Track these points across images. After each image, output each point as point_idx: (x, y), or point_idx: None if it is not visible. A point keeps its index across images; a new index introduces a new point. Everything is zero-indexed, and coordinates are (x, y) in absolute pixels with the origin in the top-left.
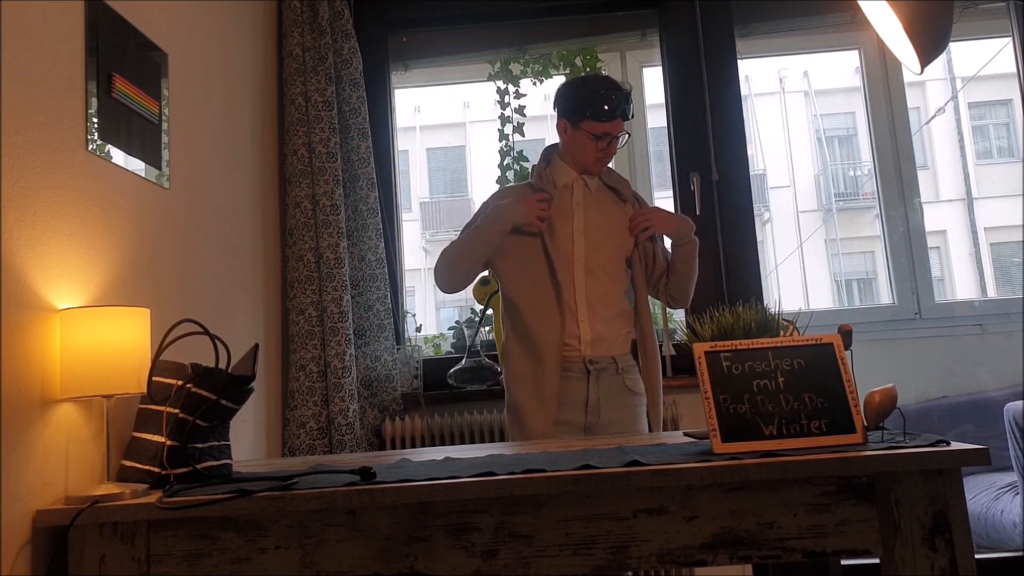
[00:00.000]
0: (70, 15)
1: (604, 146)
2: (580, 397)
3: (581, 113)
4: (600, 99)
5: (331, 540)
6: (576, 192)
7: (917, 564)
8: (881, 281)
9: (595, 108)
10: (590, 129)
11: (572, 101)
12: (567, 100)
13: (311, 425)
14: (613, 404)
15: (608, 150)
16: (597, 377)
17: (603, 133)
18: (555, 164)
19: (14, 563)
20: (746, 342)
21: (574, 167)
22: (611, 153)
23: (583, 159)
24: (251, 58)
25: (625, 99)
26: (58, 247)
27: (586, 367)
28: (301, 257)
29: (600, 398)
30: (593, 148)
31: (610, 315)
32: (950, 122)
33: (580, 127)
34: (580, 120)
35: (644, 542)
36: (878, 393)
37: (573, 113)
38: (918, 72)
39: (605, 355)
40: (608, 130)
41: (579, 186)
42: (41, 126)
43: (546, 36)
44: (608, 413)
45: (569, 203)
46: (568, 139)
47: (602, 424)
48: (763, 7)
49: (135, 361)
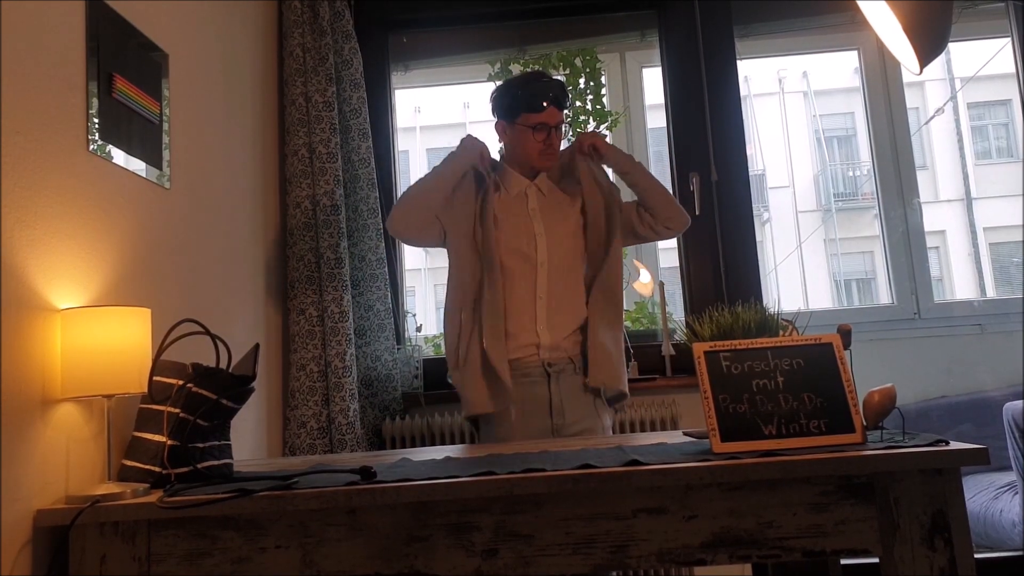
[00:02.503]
0: (70, 15)
1: (544, 137)
2: (543, 400)
3: (514, 109)
4: (530, 90)
5: (331, 540)
6: (531, 199)
7: (916, 564)
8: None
9: (527, 100)
10: (525, 122)
11: (504, 99)
12: (499, 101)
13: (311, 425)
14: (576, 403)
15: (549, 142)
16: (557, 379)
17: (539, 124)
18: (505, 173)
19: (15, 563)
20: (746, 342)
21: (523, 172)
22: (554, 145)
23: (527, 156)
24: (251, 58)
25: (557, 87)
26: (59, 247)
27: (545, 370)
28: (302, 257)
29: (563, 399)
30: (533, 141)
31: (568, 318)
32: (949, 122)
33: (516, 123)
34: (515, 116)
35: (644, 541)
36: (877, 393)
37: (507, 111)
38: (917, 72)
39: (562, 356)
40: (544, 120)
41: (533, 192)
42: (42, 126)
43: (546, 36)
44: (572, 412)
45: (525, 210)
46: (508, 140)
47: (567, 424)
48: (763, 7)
49: (136, 361)
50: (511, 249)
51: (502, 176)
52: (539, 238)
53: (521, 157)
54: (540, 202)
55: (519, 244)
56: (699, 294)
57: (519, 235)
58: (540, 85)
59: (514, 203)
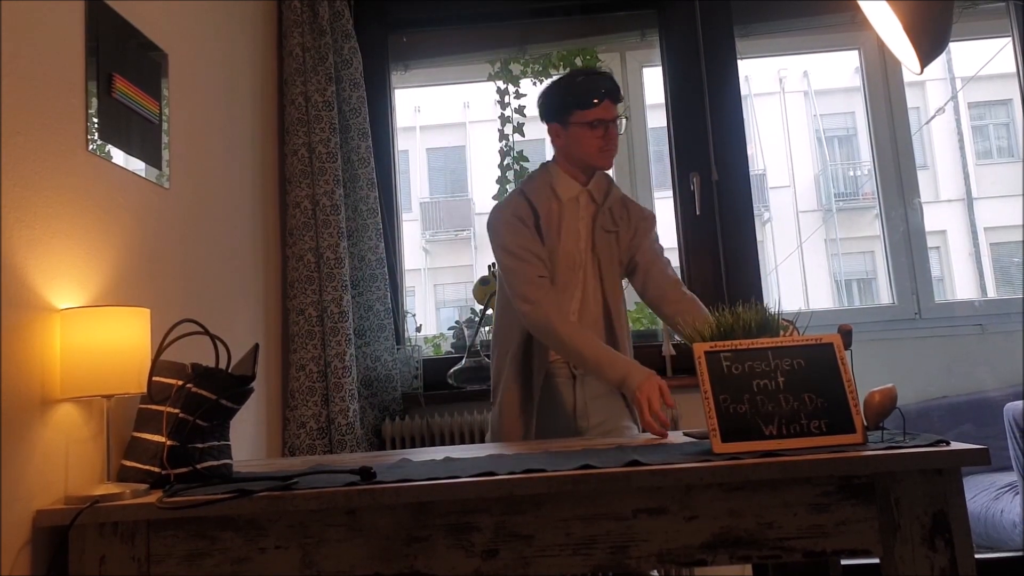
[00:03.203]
0: (70, 15)
1: (602, 133)
2: (568, 403)
3: (566, 108)
4: (582, 86)
5: (331, 540)
6: (581, 206)
7: (917, 564)
8: (881, 281)
9: (580, 97)
10: (581, 119)
11: (555, 100)
12: (550, 101)
13: (311, 425)
14: (599, 406)
15: (608, 137)
16: (582, 381)
17: (596, 120)
18: (556, 176)
19: (14, 563)
20: (746, 342)
21: (577, 176)
22: (612, 140)
23: (585, 155)
24: (251, 58)
25: (608, 81)
26: (58, 247)
27: (571, 372)
28: (301, 257)
29: (587, 402)
30: (591, 138)
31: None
32: (950, 122)
33: (571, 123)
34: (568, 115)
35: (644, 542)
36: (878, 393)
37: (560, 112)
38: (918, 72)
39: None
40: (600, 115)
41: (584, 199)
42: (41, 126)
43: (546, 36)
44: (596, 415)
45: (576, 216)
46: (563, 142)
47: (591, 426)
48: (763, 7)
49: (135, 361)
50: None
51: (555, 179)
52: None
53: (580, 158)
54: (588, 212)
55: (569, 249)
56: (699, 294)
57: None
58: (590, 80)
59: (567, 208)
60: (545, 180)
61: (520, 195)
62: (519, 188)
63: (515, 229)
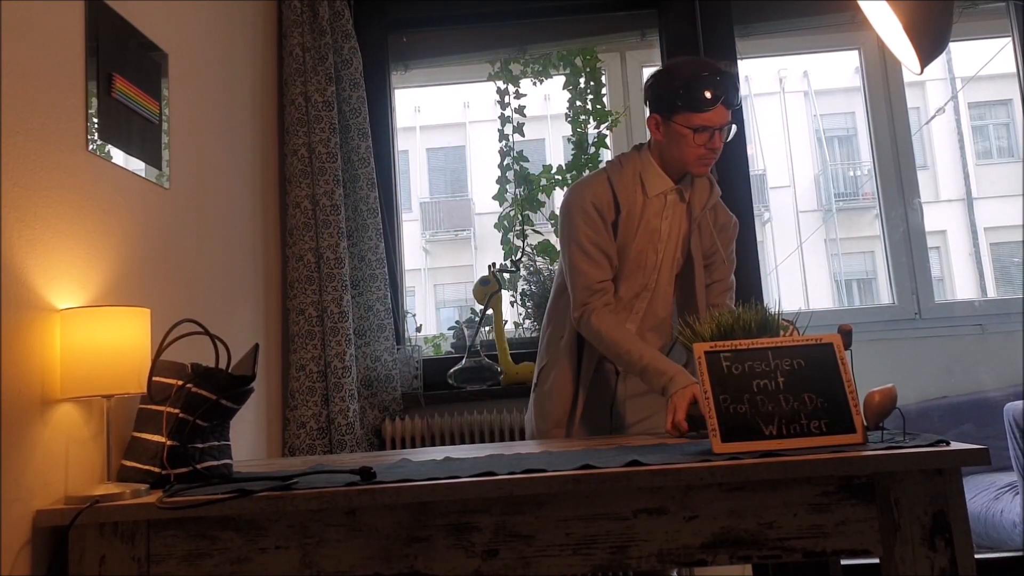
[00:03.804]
0: (70, 15)
1: (705, 141)
2: (606, 398)
3: (674, 104)
4: (697, 85)
5: (331, 540)
6: (668, 205)
7: (917, 564)
8: (881, 281)
9: (691, 96)
10: (685, 123)
11: (663, 91)
12: (657, 91)
13: (311, 425)
14: (639, 405)
15: (711, 146)
16: (624, 378)
17: (701, 126)
18: (648, 168)
19: (14, 563)
20: (746, 342)
21: (670, 172)
22: (716, 149)
23: (682, 159)
24: (251, 58)
25: (728, 83)
26: (58, 247)
27: (616, 368)
28: (301, 257)
29: (626, 399)
30: (692, 144)
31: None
32: (950, 122)
33: (674, 121)
34: (673, 112)
35: (644, 542)
36: (878, 393)
37: (665, 105)
38: (918, 72)
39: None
40: (708, 121)
41: (672, 198)
42: (41, 126)
43: (546, 36)
44: (633, 414)
45: (659, 216)
46: (661, 137)
47: (628, 425)
48: (763, 7)
49: (135, 361)
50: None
51: (645, 173)
52: (661, 252)
53: (675, 160)
54: (675, 211)
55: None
56: None
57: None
58: (708, 79)
59: (651, 204)
60: (635, 169)
61: (606, 182)
62: (606, 171)
63: (592, 222)
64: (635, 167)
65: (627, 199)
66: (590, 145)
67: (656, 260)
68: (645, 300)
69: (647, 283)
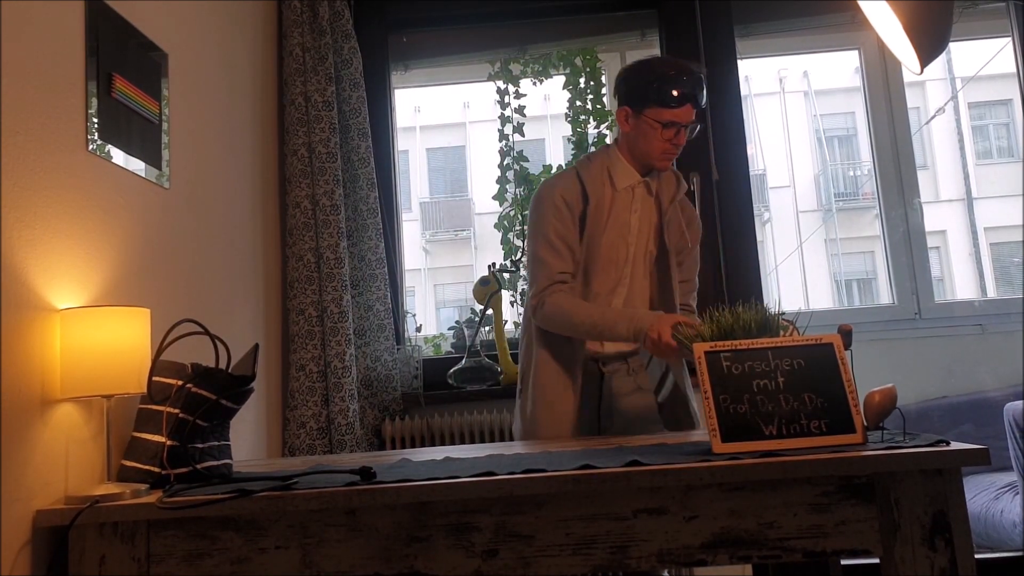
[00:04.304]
0: (70, 15)
1: (672, 136)
2: (593, 400)
3: (645, 98)
4: (668, 82)
5: (331, 540)
6: (636, 197)
7: (917, 564)
8: (881, 281)
9: (662, 92)
10: (655, 116)
11: (636, 85)
12: (630, 84)
13: (311, 425)
14: (625, 405)
15: (676, 141)
16: (611, 379)
17: (670, 121)
18: (616, 162)
19: (14, 563)
20: (746, 342)
21: (636, 165)
22: (680, 145)
23: (648, 152)
24: (251, 58)
25: (696, 83)
26: (58, 247)
27: (600, 370)
28: (301, 257)
29: (612, 401)
30: (659, 139)
31: None
32: (950, 122)
33: (644, 114)
34: (644, 106)
35: (644, 542)
36: (878, 393)
37: (636, 99)
38: (918, 72)
39: (619, 358)
40: (676, 118)
41: (640, 191)
42: (41, 126)
43: (546, 36)
44: (620, 415)
45: (628, 210)
46: (630, 129)
47: (614, 427)
48: (763, 7)
49: (135, 361)
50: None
51: (613, 166)
52: (630, 244)
53: (640, 152)
54: (644, 204)
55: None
56: (699, 294)
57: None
58: (677, 77)
59: (620, 198)
60: (603, 164)
61: (575, 176)
62: (575, 167)
63: (560, 215)
64: (603, 162)
65: (596, 191)
66: (590, 145)
67: (627, 254)
68: (621, 296)
69: (621, 278)
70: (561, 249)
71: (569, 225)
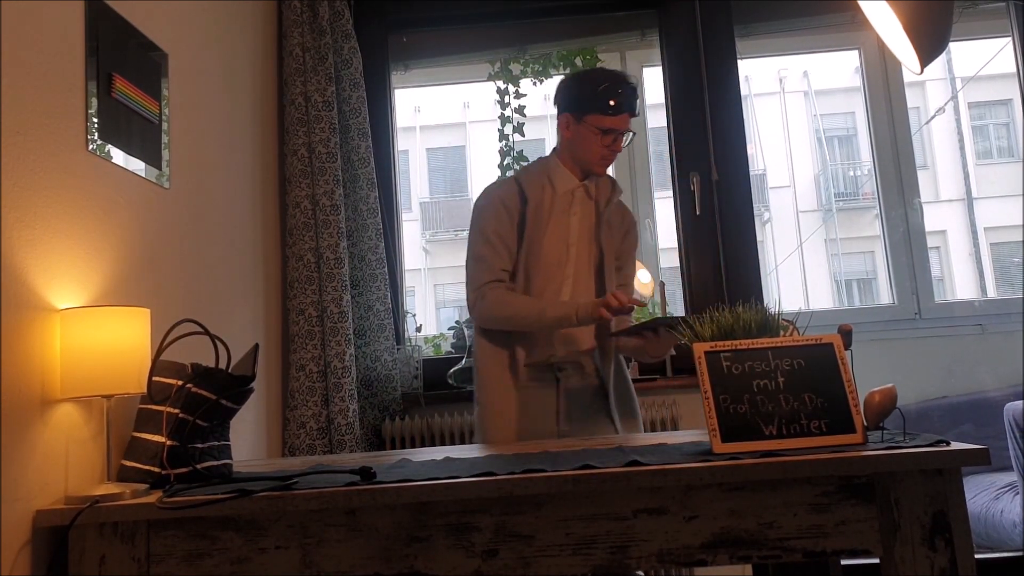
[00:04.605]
0: (70, 15)
1: (609, 142)
2: (550, 406)
3: (585, 107)
4: (606, 92)
5: (331, 540)
6: (576, 200)
7: (917, 564)
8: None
9: (601, 101)
10: (595, 123)
11: (576, 94)
12: (571, 93)
13: (311, 425)
14: (582, 408)
15: (614, 147)
16: (565, 384)
17: (609, 128)
18: (555, 167)
19: (14, 563)
20: (746, 342)
21: (575, 170)
22: (616, 151)
23: (587, 157)
24: (251, 58)
25: (632, 93)
26: (58, 247)
27: (555, 375)
28: (301, 257)
29: (570, 405)
30: (598, 145)
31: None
32: (950, 122)
33: (584, 121)
34: (584, 114)
35: (644, 542)
36: (878, 393)
37: (577, 107)
38: (918, 72)
39: (573, 361)
40: (614, 125)
41: (580, 194)
42: (41, 126)
43: (546, 36)
44: (579, 418)
45: (567, 212)
46: (570, 135)
47: (572, 431)
48: (763, 7)
49: (135, 361)
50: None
51: (552, 171)
52: (571, 246)
53: (580, 157)
54: (583, 207)
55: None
56: (699, 294)
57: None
58: (616, 87)
59: (560, 200)
60: (543, 169)
61: (514, 181)
62: (515, 174)
63: (498, 215)
64: (543, 168)
65: (535, 194)
66: None
67: (569, 255)
68: (566, 296)
69: (564, 278)
70: (499, 247)
71: (507, 225)
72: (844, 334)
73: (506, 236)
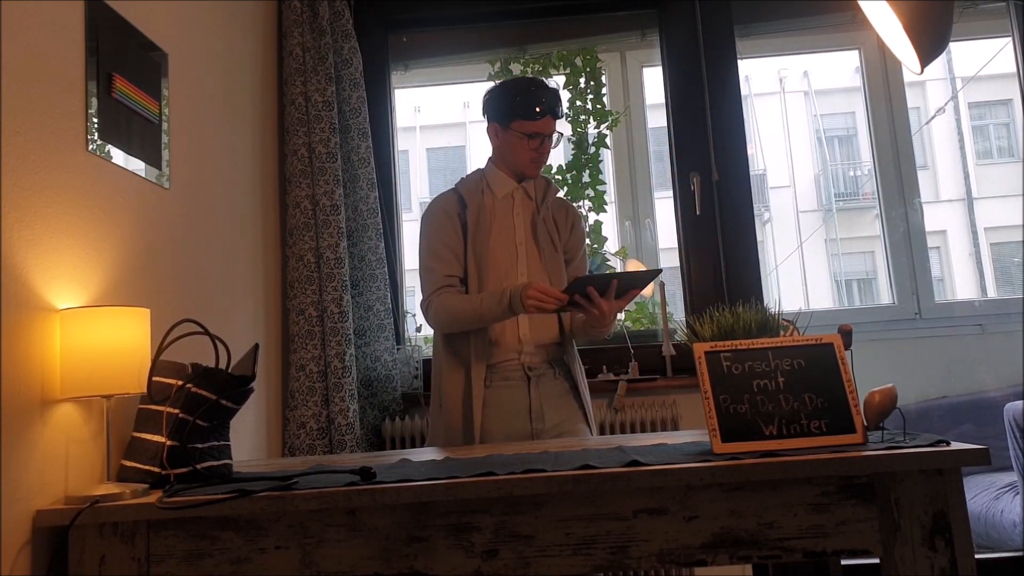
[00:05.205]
0: (70, 15)
1: (537, 145)
2: (523, 405)
3: (510, 114)
4: (529, 98)
5: (331, 540)
6: (516, 203)
7: (917, 564)
8: (881, 281)
9: (525, 107)
10: (520, 129)
11: (500, 103)
12: (495, 103)
13: (311, 425)
14: (555, 407)
15: (542, 150)
16: (537, 382)
17: (534, 132)
18: (491, 173)
19: (14, 563)
20: (746, 342)
21: (511, 174)
22: (545, 153)
23: (517, 161)
24: (251, 58)
25: (554, 97)
26: (58, 247)
27: (526, 374)
28: (301, 257)
29: (542, 403)
30: (526, 149)
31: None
32: (950, 122)
33: (511, 128)
34: (510, 121)
35: (644, 542)
36: (878, 393)
37: (503, 115)
38: (918, 72)
39: (542, 360)
40: (539, 129)
41: (519, 196)
42: (41, 126)
43: (546, 36)
44: (551, 417)
45: (510, 214)
46: (500, 143)
47: (547, 429)
48: (763, 7)
49: (135, 361)
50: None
51: (489, 177)
52: (519, 246)
53: (511, 162)
54: (524, 207)
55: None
56: (699, 294)
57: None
58: (537, 93)
59: (501, 205)
60: (479, 177)
61: (453, 192)
62: (454, 186)
63: (440, 225)
64: (479, 176)
65: (473, 199)
66: (590, 145)
67: (518, 253)
68: None
69: (516, 277)
70: (445, 255)
71: (451, 233)
72: (844, 334)
73: (451, 242)
